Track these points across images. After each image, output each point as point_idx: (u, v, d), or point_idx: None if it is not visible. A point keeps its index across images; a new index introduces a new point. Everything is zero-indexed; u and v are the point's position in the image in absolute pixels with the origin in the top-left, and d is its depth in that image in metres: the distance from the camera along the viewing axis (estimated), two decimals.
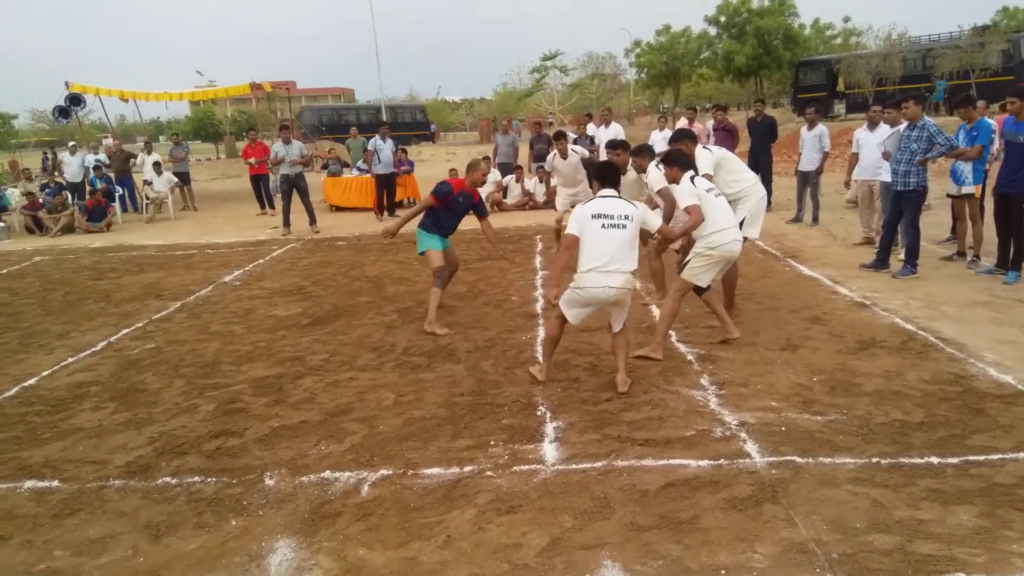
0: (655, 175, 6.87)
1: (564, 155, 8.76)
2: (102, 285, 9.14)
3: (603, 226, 4.65)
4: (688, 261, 5.46)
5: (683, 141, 6.81)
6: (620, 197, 4.85)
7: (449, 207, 6.44)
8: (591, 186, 5.17)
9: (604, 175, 5.00)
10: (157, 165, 16.17)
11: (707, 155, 6.13)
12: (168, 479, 3.90)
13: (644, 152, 7.02)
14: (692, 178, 5.44)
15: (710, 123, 13.24)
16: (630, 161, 7.81)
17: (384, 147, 13.99)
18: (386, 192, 14.23)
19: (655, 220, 4.97)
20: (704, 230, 5.36)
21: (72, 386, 5.45)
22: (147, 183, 15.95)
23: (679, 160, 5.55)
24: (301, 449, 4.17)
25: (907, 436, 3.95)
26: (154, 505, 3.65)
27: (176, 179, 16.53)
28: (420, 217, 6.57)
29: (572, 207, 8.65)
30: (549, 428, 4.28)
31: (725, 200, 5.59)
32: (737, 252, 5.52)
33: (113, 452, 4.27)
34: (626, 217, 4.69)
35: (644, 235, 7.10)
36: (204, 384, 5.34)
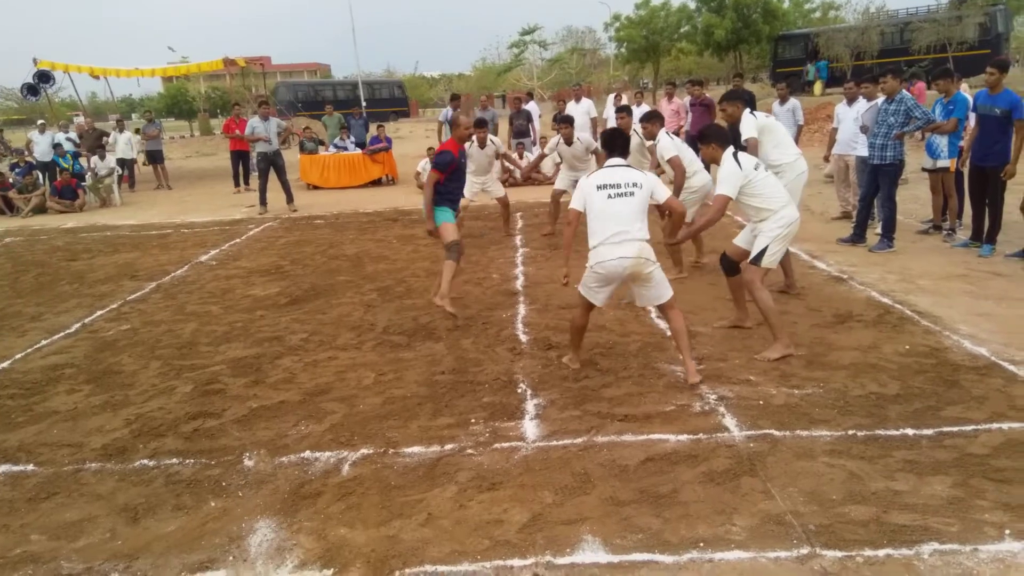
0: (666, 142, 6.86)
1: (569, 141, 8.51)
2: (75, 266, 8.99)
3: (609, 196, 4.33)
4: (766, 248, 4.84)
5: (653, 121, 6.88)
6: (628, 166, 4.54)
7: (454, 174, 6.03)
8: (604, 156, 4.69)
9: (612, 143, 4.62)
10: (101, 149, 15.66)
11: (752, 120, 5.87)
12: (145, 461, 3.87)
13: (654, 118, 7.01)
14: (735, 155, 4.84)
15: (687, 99, 13.21)
16: (638, 128, 7.78)
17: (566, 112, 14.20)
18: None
19: (664, 191, 4.56)
20: (770, 208, 4.85)
21: (46, 369, 5.37)
22: (98, 156, 15.41)
23: (717, 136, 5.00)
24: (280, 429, 4.14)
25: (883, 408, 4.00)
26: (131, 487, 3.61)
27: (118, 168, 16.00)
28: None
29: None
30: (530, 405, 4.29)
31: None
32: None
33: (89, 435, 4.22)
34: (634, 184, 4.35)
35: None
36: (181, 365, 5.29)
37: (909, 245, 7.71)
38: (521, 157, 14.02)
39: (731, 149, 4.90)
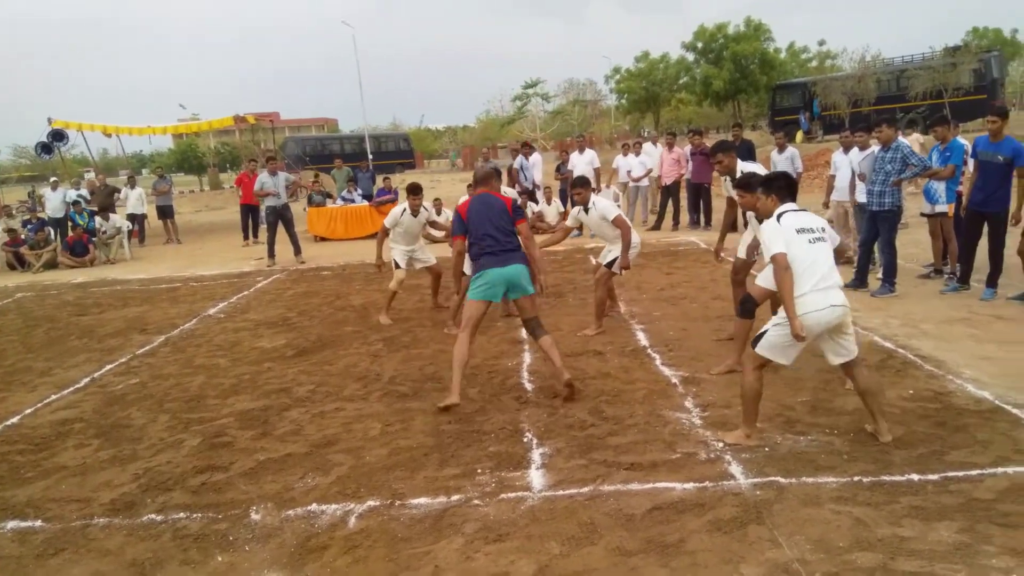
0: (605, 203, 6.90)
1: (415, 212, 7.79)
2: (85, 320, 9.09)
3: (810, 241, 4.13)
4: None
5: (586, 186, 6.82)
6: (807, 210, 4.34)
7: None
8: (765, 199, 4.41)
9: (783, 187, 4.38)
10: (105, 211, 15.71)
11: (760, 168, 5.79)
12: (153, 516, 3.88)
13: (585, 184, 6.97)
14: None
15: (688, 148, 13.45)
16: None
17: (529, 166, 13.80)
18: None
19: (836, 238, 4.49)
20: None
21: (55, 424, 5.41)
22: (102, 218, 15.55)
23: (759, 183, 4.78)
24: (287, 482, 4.16)
25: (888, 454, 4.00)
26: (139, 542, 3.62)
27: (129, 223, 16.19)
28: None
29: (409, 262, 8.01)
30: (536, 454, 4.30)
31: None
32: None
33: (97, 490, 4.24)
34: (823, 229, 4.23)
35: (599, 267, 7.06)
36: (189, 419, 5.32)
37: (911, 289, 7.76)
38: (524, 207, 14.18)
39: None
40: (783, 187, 4.38)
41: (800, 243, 4.11)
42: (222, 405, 5.57)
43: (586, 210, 6.80)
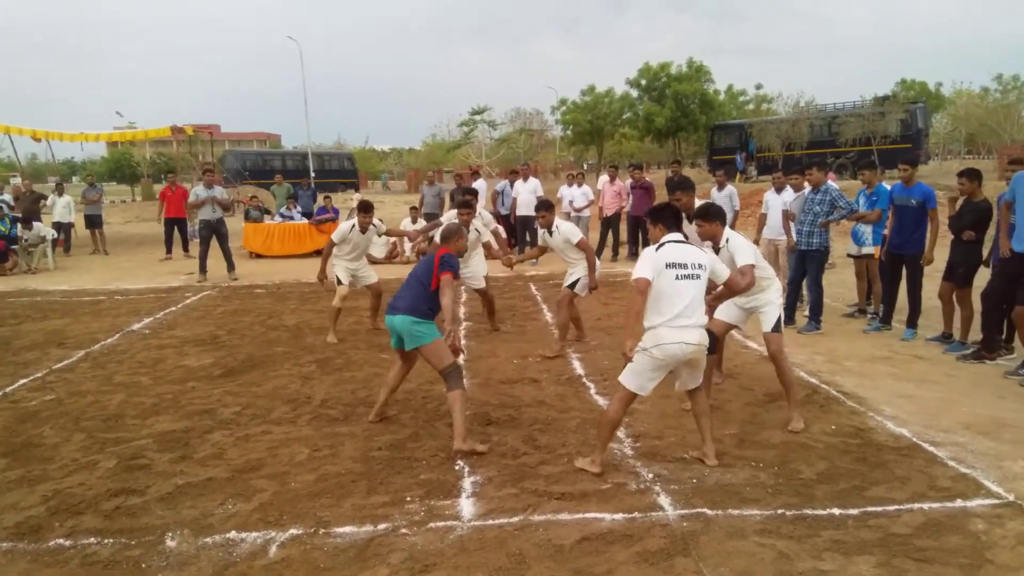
0: (568, 226, 7.10)
1: (364, 230, 7.82)
2: (0, 332, 8.64)
3: (677, 277, 4.19)
4: (780, 315, 5.24)
5: (551, 210, 7.12)
6: (689, 242, 4.43)
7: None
8: (653, 229, 4.50)
9: (669, 218, 4.44)
10: (27, 221, 14.82)
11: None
12: (61, 541, 3.68)
13: (548, 207, 7.18)
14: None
15: (629, 181, 13.72)
16: (478, 224, 7.85)
17: (511, 192, 13.97)
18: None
19: (725, 270, 4.53)
20: (768, 277, 5.23)
21: None
22: (24, 226, 14.83)
23: (719, 214, 5.06)
24: (206, 508, 4.00)
25: (810, 488, 4.09)
26: (44, 569, 3.43)
27: (54, 232, 15.48)
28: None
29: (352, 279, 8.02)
30: (467, 483, 4.25)
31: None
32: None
33: (1, 512, 3.99)
34: (700, 266, 4.26)
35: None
36: (105, 439, 5.08)
37: (836, 328, 8.02)
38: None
39: (728, 228, 5.06)
40: (669, 217, 4.47)
41: (667, 277, 4.19)
42: (141, 425, 5.34)
43: (550, 232, 6.96)
